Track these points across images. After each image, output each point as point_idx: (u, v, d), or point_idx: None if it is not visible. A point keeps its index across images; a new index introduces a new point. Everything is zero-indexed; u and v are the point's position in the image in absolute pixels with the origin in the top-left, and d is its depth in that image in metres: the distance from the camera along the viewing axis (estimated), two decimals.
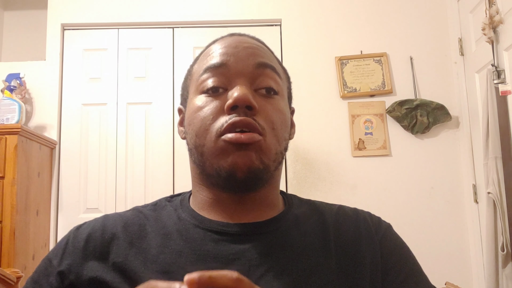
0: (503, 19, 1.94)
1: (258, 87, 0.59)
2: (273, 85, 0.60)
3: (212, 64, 0.60)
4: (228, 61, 0.59)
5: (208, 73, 0.60)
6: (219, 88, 0.59)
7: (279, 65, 0.65)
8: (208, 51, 0.63)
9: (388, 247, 0.60)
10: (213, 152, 0.56)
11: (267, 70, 0.60)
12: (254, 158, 0.55)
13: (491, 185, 1.92)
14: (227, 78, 0.59)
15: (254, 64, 0.59)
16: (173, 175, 2.42)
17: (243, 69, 0.59)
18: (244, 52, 0.60)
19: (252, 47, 0.61)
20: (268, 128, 0.57)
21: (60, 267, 0.56)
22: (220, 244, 0.56)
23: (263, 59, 0.61)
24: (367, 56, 2.48)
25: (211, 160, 0.57)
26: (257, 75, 0.59)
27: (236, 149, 0.54)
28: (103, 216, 0.63)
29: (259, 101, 0.58)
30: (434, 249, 2.27)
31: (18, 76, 2.35)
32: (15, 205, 1.97)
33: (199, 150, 0.58)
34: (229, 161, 0.55)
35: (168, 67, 2.52)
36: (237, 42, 0.61)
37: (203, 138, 0.57)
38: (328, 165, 2.39)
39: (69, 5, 2.55)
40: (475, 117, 2.27)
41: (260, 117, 0.56)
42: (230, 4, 2.56)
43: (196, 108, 0.59)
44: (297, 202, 0.66)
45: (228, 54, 0.60)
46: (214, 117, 0.57)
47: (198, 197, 0.62)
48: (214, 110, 0.57)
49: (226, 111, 0.56)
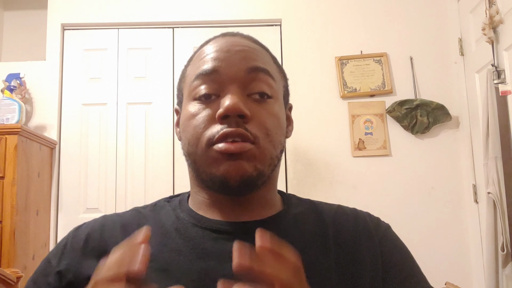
0: (503, 19, 1.94)
1: (251, 92, 0.58)
2: (266, 89, 0.59)
3: (204, 70, 0.59)
4: (219, 67, 0.58)
5: (200, 80, 0.59)
6: (211, 95, 0.58)
7: (273, 64, 0.64)
8: (200, 54, 0.62)
9: (387, 247, 0.61)
10: (205, 160, 0.56)
11: (260, 74, 0.59)
12: (247, 166, 0.55)
13: (491, 185, 1.92)
14: (219, 84, 0.58)
15: (246, 69, 0.59)
16: (173, 175, 2.42)
17: (235, 75, 0.58)
18: (236, 57, 0.59)
19: (244, 50, 0.60)
20: (262, 134, 0.57)
21: (58, 267, 0.57)
22: (219, 242, 0.56)
23: (255, 63, 0.60)
24: (367, 56, 2.48)
25: (203, 167, 0.57)
26: (249, 80, 0.58)
27: (227, 159, 0.54)
28: (102, 216, 0.63)
29: (252, 106, 0.57)
30: (434, 249, 2.27)
31: (18, 76, 2.35)
32: (15, 205, 1.97)
33: (192, 157, 0.59)
34: (221, 170, 0.55)
35: (168, 67, 2.52)
36: (229, 45, 0.60)
37: (195, 146, 0.57)
38: (328, 165, 2.39)
39: (69, 5, 2.55)
40: (475, 117, 2.27)
41: (253, 125, 0.56)
42: (230, 4, 2.56)
43: (189, 116, 0.59)
44: (295, 201, 0.66)
45: (219, 59, 0.59)
46: (206, 125, 0.57)
47: (196, 198, 0.63)
48: (206, 119, 0.57)
49: (218, 120, 0.56)
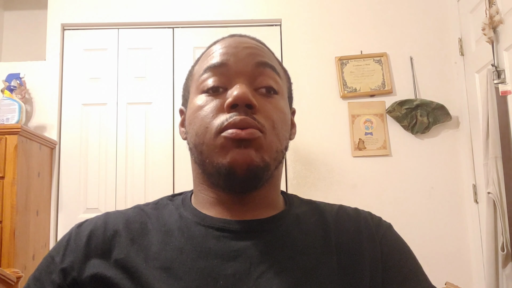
0: (503, 19, 1.94)
1: (258, 87, 0.59)
2: (273, 84, 0.60)
3: (212, 63, 0.60)
4: (228, 61, 0.59)
5: (209, 73, 0.60)
6: (220, 87, 0.59)
7: (279, 65, 0.65)
8: (209, 52, 0.63)
9: (388, 246, 0.61)
10: (213, 149, 0.56)
11: (267, 69, 0.60)
12: (254, 155, 0.55)
13: (491, 185, 1.92)
14: (227, 77, 0.59)
15: (254, 64, 0.60)
16: (173, 175, 2.42)
17: (243, 69, 0.59)
18: (244, 52, 0.60)
19: (252, 47, 0.62)
20: (269, 126, 0.57)
21: (62, 264, 0.57)
22: (221, 241, 0.56)
23: (263, 59, 0.61)
24: (367, 56, 2.48)
25: (210, 158, 0.57)
26: (257, 74, 0.60)
27: (236, 146, 0.54)
28: (104, 213, 0.63)
29: (259, 100, 0.58)
30: (434, 249, 2.27)
31: (18, 76, 2.35)
32: (15, 205, 1.97)
33: (199, 148, 0.58)
34: (228, 158, 0.55)
35: (168, 67, 2.52)
36: (237, 43, 0.62)
37: (203, 136, 0.57)
38: (328, 165, 2.39)
39: (69, 5, 2.55)
40: (475, 117, 2.27)
41: (260, 116, 0.57)
42: (230, 4, 2.56)
43: (196, 107, 0.60)
44: (297, 201, 0.66)
45: (228, 54, 0.60)
46: (214, 115, 0.57)
47: (199, 196, 0.63)
48: (214, 109, 0.57)
49: (226, 110, 0.56)
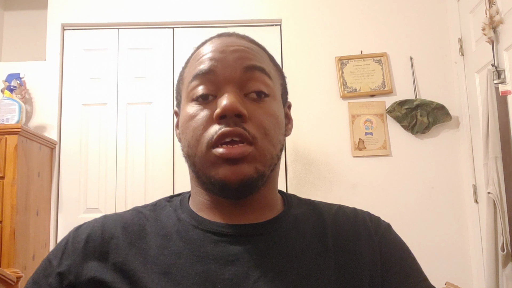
0: (503, 19, 1.94)
1: (248, 92, 0.58)
2: (263, 88, 0.59)
3: (200, 70, 0.59)
4: (215, 68, 0.58)
5: (197, 81, 0.59)
6: (209, 95, 0.58)
7: (270, 63, 0.64)
8: (197, 55, 0.62)
9: (387, 246, 0.61)
10: (204, 163, 0.56)
11: (256, 73, 0.59)
12: (247, 169, 0.55)
13: (491, 185, 1.92)
14: (216, 85, 0.58)
15: (242, 69, 0.59)
16: (173, 175, 2.42)
17: (231, 75, 0.58)
18: (231, 56, 0.59)
19: (239, 49, 0.60)
20: (261, 134, 0.56)
21: (59, 268, 0.57)
22: (219, 246, 0.56)
23: (251, 62, 0.59)
24: (367, 56, 2.48)
25: (203, 170, 0.57)
26: (246, 79, 0.58)
27: (227, 163, 0.54)
28: (102, 216, 0.63)
29: (249, 106, 0.57)
30: (434, 249, 2.27)
31: (18, 76, 2.35)
32: (15, 205, 1.97)
33: (192, 160, 0.58)
34: (220, 173, 0.55)
35: (168, 67, 2.52)
36: (224, 46, 0.60)
37: (195, 148, 0.57)
38: (328, 165, 2.39)
39: (69, 5, 2.55)
40: (475, 117, 2.27)
41: (250, 124, 0.56)
42: (230, 4, 2.56)
43: (188, 117, 0.59)
44: (296, 202, 0.66)
45: (215, 59, 0.59)
46: (204, 126, 0.57)
47: (196, 199, 0.62)
48: (204, 120, 0.57)
49: (216, 121, 0.56)
